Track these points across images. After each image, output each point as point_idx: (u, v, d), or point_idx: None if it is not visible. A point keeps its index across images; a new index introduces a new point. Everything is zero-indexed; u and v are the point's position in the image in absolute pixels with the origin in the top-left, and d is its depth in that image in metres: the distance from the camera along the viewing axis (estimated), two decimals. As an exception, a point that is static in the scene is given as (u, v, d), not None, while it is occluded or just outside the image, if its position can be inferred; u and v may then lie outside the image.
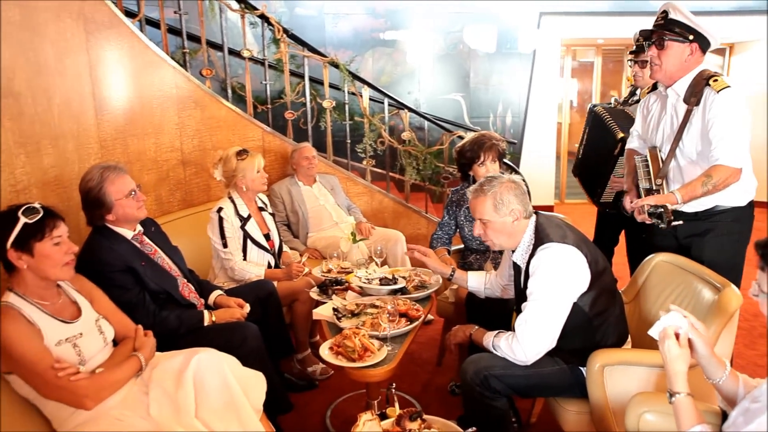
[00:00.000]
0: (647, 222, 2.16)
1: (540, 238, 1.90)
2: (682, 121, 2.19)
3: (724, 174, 2.08)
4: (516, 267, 2.05)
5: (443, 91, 6.55)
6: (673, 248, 2.33)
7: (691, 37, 2.13)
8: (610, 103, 3.20)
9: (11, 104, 2.17)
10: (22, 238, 1.63)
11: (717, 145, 2.08)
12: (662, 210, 2.10)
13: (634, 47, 2.99)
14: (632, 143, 2.57)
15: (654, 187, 2.25)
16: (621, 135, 2.82)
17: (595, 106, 3.12)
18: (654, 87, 2.42)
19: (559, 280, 1.84)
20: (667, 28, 2.15)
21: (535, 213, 2.02)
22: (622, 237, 3.27)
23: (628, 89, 3.32)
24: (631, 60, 3.03)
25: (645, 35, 2.22)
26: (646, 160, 2.30)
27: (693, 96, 2.15)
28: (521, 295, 1.98)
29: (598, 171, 2.98)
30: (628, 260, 3.17)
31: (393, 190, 4.60)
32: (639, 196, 2.30)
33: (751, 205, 2.26)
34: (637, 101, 3.02)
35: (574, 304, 1.86)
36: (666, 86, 2.26)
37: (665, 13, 2.16)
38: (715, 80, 2.11)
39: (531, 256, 1.91)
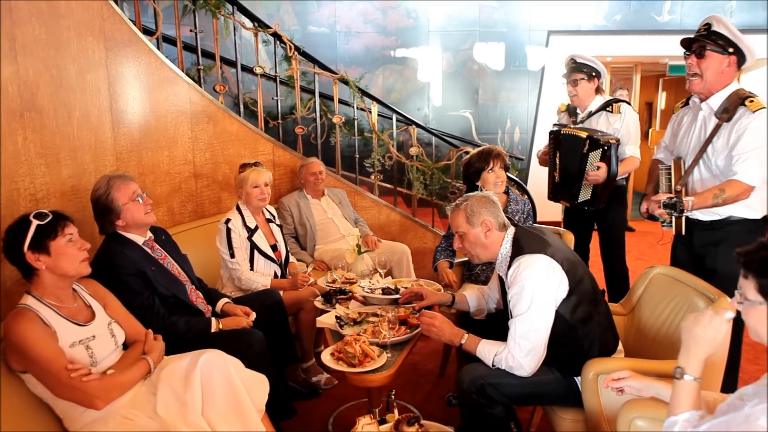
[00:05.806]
0: (663, 217, 2.30)
1: (516, 250, 1.97)
2: (710, 134, 2.27)
3: (737, 190, 2.17)
4: (500, 278, 2.12)
5: (452, 107, 6.63)
6: (688, 257, 2.43)
7: (731, 50, 2.23)
8: (564, 124, 3.35)
9: (34, 117, 2.28)
10: (37, 239, 1.72)
11: (738, 159, 2.17)
12: (676, 200, 2.21)
13: (567, 69, 3.23)
14: (658, 154, 2.68)
15: (673, 194, 2.34)
16: (585, 134, 2.98)
17: (558, 128, 3.24)
18: (686, 102, 2.51)
19: (536, 289, 1.87)
20: (709, 39, 2.24)
21: (514, 225, 2.09)
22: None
23: (561, 114, 3.48)
24: (565, 82, 3.27)
25: (685, 45, 2.31)
26: (669, 169, 2.41)
27: (725, 112, 2.24)
28: (507, 306, 2.03)
29: (573, 177, 3.12)
30: (601, 257, 3.35)
31: (400, 205, 4.65)
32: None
33: (766, 219, 2.31)
34: (586, 117, 3.23)
35: (556, 312, 1.90)
36: (701, 99, 2.35)
37: (708, 25, 2.26)
38: (752, 101, 2.20)
39: (509, 267, 1.97)
